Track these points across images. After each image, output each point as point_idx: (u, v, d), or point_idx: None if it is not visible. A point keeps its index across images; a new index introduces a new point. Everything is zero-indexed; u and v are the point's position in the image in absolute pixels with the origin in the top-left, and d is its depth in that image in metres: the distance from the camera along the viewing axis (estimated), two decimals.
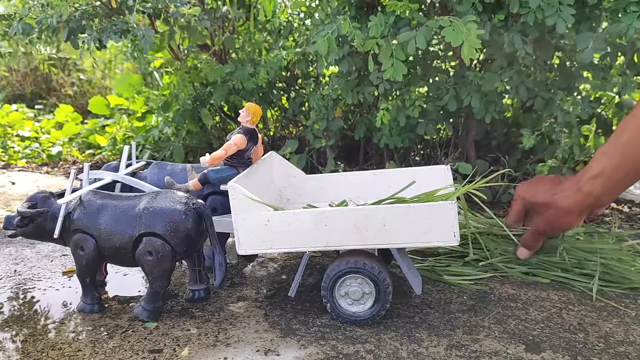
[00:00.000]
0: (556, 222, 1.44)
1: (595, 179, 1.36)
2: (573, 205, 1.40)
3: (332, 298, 1.31)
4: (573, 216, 1.42)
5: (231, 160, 1.46)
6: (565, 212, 1.41)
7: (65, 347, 1.22)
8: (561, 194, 1.42)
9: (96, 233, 1.32)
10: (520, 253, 1.57)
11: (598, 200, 1.39)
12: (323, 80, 2.46)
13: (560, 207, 1.41)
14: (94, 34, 1.97)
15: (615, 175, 1.35)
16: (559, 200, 1.42)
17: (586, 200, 1.38)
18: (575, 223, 1.44)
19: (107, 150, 3.38)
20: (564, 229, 1.49)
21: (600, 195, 1.37)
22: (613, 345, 1.22)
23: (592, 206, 1.41)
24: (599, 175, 1.36)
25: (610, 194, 1.40)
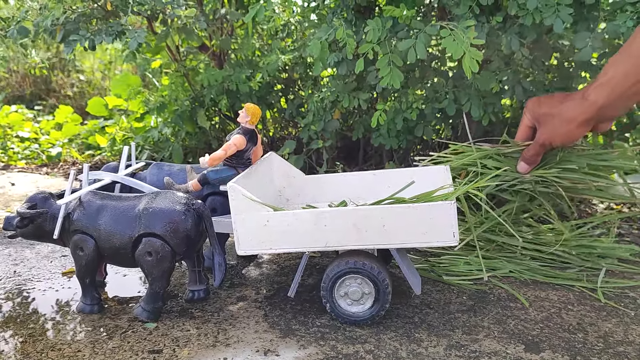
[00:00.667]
0: (557, 131, 1.40)
1: (602, 87, 1.31)
2: (577, 114, 1.35)
3: (331, 298, 1.31)
4: (575, 125, 1.36)
5: (230, 160, 1.47)
6: (568, 120, 1.36)
7: (64, 347, 1.22)
8: (566, 103, 1.37)
9: (96, 234, 1.32)
10: (520, 167, 1.53)
11: (602, 111, 1.33)
12: (322, 82, 2.46)
13: (564, 116, 1.37)
14: (87, 34, 1.97)
15: (623, 84, 1.29)
16: (563, 108, 1.37)
17: (590, 109, 1.32)
18: (577, 134, 1.39)
19: (107, 151, 3.38)
20: (564, 140, 1.43)
21: (606, 105, 1.31)
22: (612, 345, 1.23)
23: (597, 117, 1.35)
24: (606, 84, 1.30)
25: (616, 106, 1.32)
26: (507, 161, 1.56)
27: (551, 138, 1.42)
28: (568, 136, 1.40)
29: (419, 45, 1.58)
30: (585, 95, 1.33)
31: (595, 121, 1.36)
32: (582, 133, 1.39)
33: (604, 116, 1.35)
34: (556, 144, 1.43)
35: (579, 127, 1.36)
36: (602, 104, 1.31)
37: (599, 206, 2.34)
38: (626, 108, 1.36)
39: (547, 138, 1.42)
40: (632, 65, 1.26)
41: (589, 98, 1.32)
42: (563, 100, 1.38)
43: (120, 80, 3.62)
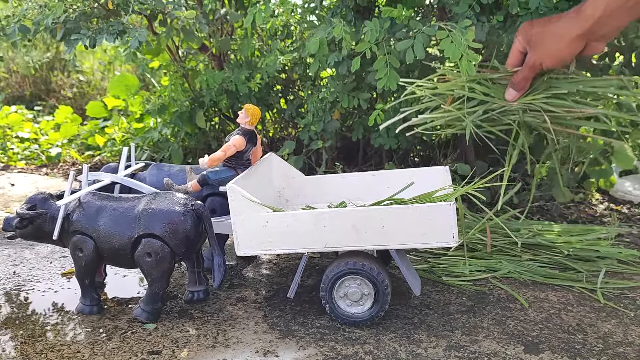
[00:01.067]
0: (550, 49, 1.29)
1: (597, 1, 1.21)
2: (571, 29, 1.25)
3: (331, 299, 1.31)
4: (567, 41, 1.26)
5: (230, 161, 1.47)
6: (561, 36, 1.27)
7: (64, 348, 1.22)
8: (560, 20, 1.28)
9: (95, 234, 1.32)
10: (508, 94, 1.41)
11: (598, 26, 1.23)
12: (321, 83, 2.46)
13: (557, 32, 1.27)
14: (88, 33, 1.97)
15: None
16: (557, 25, 1.28)
17: (586, 23, 1.23)
18: (568, 51, 1.28)
19: (106, 151, 3.38)
20: (556, 59, 1.31)
21: (602, 19, 1.21)
22: (612, 346, 1.22)
23: (591, 33, 1.24)
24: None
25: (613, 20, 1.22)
26: (496, 88, 1.42)
27: (542, 57, 1.31)
28: (559, 54, 1.29)
29: (417, 45, 1.58)
30: (581, 9, 1.24)
31: (588, 38, 1.26)
32: (574, 50, 1.27)
33: (599, 32, 1.24)
34: (547, 64, 1.32)
35: (571, 43, 1.26)
36: (598, 16, 1.21)
37: (598, 207, 2.34)
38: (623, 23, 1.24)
39: (537, 58, 1.32)
40: None
41: (585, 11, 1.22)
42: (558, 18, 1.29)
43: (118, 81, 3.62)
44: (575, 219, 2.16)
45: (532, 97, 1.39)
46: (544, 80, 1.38)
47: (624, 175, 2.57)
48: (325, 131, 2.20)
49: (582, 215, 2.19)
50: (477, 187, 1.32)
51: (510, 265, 1.63)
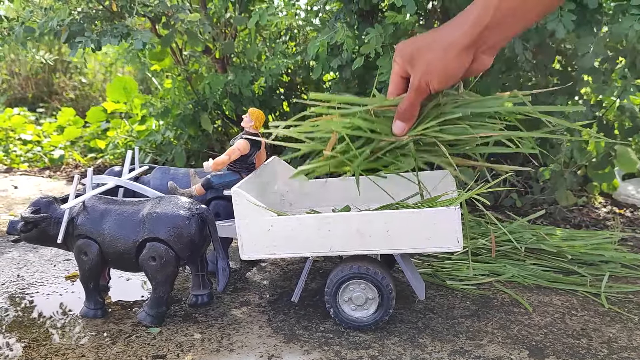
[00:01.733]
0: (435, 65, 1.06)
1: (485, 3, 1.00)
2: (456, 38, 1.03)
3: (335, 303, 1.31)
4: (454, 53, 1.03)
5: (234, 165, 1.47)
6: (446, 48, 1.04)
7: (68, 352, 1.22)
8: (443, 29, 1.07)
9: (100, 238, 1.33)
10: (395, 127, 1.16)
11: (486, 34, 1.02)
12: (325, 86, 2.46)
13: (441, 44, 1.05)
14: (92, 35, 1.97)
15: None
16: (439, 35, 1.06)
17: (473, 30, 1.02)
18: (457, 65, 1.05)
19: (109, 154, 3.38)
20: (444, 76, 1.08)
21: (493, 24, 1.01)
22: (616, 350, 1.22)
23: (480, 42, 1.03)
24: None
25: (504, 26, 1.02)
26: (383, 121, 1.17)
27: (427, 77, 1.07)
28: (447, 70, 1.05)
29: None
30: (466, 15, 1.04)
31: (477, 48, 1.05)
32: (464, 64, 1.05)
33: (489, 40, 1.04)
34: (434, 85, 1.08)
35: (459, 55, 1.03)
36: (487, 22, 1.00)
37: (601, 210, 2.34)
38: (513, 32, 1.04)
39: (422, 78, 1.07)
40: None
41: (471, 16, 1.02)
42: (440, 28, 1.08)
43: (116, 85, 3.63)
44: (579, 222, 2.16)
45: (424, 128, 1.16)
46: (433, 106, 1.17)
47: (626, 178, 2.57)
48: None
49: (585, 219, 2.19)
50: (482, 192, 1.32)
51: (514, 269, 1.63)
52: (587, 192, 2.46)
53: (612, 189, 2.47)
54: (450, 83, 1.09)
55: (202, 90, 2.39)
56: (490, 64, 1.07)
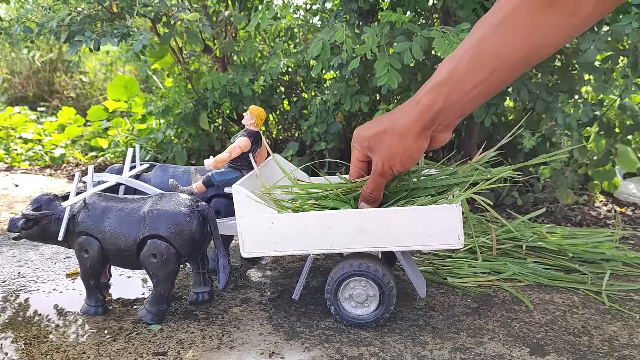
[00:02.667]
0: (393, 151, 1.09)
1: (439, 87, 1.01)
2: (410, 124, 1.05)
3: (336, 301, 1.31)
4: (411, 138, 1.06)
5: (235, 162, 1.47)
6: (402, 134, 1.06)
7: (69, 349, 1.22)
8: (397, 113, 1.09)
9: (100, 235, 1.33)
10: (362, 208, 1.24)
11: (440, 117, 1.03)
12: (325, 85, 2.46)
13: (396, 129, 1.07)
14: (93, 35, 1.97)
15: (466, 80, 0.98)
16: (394, 120, 1.08)
17: (425, 114, 1.03)
18: (415, 149, 1.08)
19: (110, 152, 3.38)
20: (403, 161, 1.11)
21: (443, 109, 1.02)
22: (617, 348, 1.22)
23: (433, 125, 1.04)
24: (444, 82, 1.00)
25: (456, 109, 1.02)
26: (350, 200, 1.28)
27: (389, 160, 1.11)
28: (407, 153, 1.08)
29: (414, 47, 1.59)
30: (417, 99, 1.05)
31: (433, 130, 1.06)
32: (422, 146, 1.08)
33: (443, 121, 1.05)
34: (397, 167, 1.12)
35: (416, 140, 1.06)
36: (439, 107, 1.02)
37: (602, 208, 2.34)
38: (467, 112, 1.05)
39: (384, 162, 1.12)
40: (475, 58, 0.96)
41: (423, 101, 1.03)
42: (393, 112, 1.11)
43: (117, 84, 3.63)
44: (580, 221, 2.16)
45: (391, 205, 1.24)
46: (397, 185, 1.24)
47: (627, 177, 2.57)
48: (328, 133, 2.21)
49: (587, 217, 2.19)
50: (482, 189, 1.32)
51: (515, 267, 1.63)
52: (588, 190, 2.46)
53: (613, 187, 2.47)
54: (412, 165, 1.12)
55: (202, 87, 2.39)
56: (449, 138, 1.11)
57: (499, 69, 0.94)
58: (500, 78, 0.96)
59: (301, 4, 2.50)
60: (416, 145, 1.07)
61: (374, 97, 2.20)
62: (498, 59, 0.93)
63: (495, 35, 0.92)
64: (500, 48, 0.92)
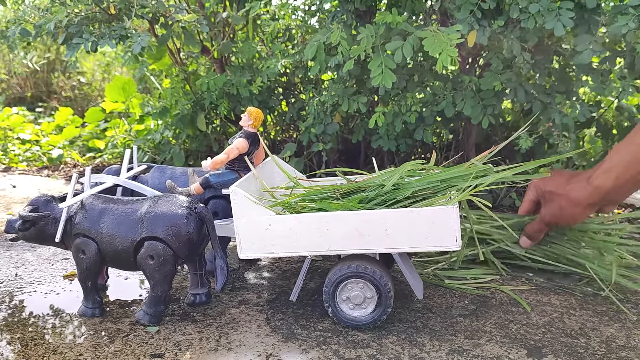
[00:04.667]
0: (563, 212, 1.45)
1: (606, 174, 1.37)
2: (582, 198, 1.40)
3: (333, 302, 1.31)
4: (581, 208, 1.42)
5: (233, 164, 1.47)
6: (574, 203, 1.42)
7: (66, 351, 1.22)
8: (572, 185, 1.43)
9: (98, 237, 1.32)
10: (522, 242, 1.59)
11: (607, 196, 1.39)
12: (323, 86, 2.46)
13: (570, 198, 1.42)
14: (90, 37, 1.97)
15: (625, 172, 1.35)
16: (569, 191, 1.43)
17: (595, 193, 1.39)
18: (581, 216, 1.45)
19: (107, 153, 3.38)
20: (569, 221, 1.48)
21: (610, 191, 1.37)
22: (615, 350, 1.22)
23: (601, 201, 1.41)
24: (610, 171, 1.36)
25: (620, 191, 1.39)
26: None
27: (557, 218, 1.47)
28: (574, 218, 1.46)
29: (406, 46, 1.60)
30: (590, 180, 1.39)
31: (600, 204, 1.43)
32: (588, 214, 1.45)
33: (609, 200, 1.41)
34: (561, 223, 1.50)
35: (585, 209, 1.42)
36: (607, 189, 1.37)
37: None
38: (630, 192, 1.40)
39: (552, 217, 1.48)
40: (635, 156, 1.33)
41: (594, 183, 1.38)
42: (569, 181, 1.44)
43: (115, 85, 3.62)
44: None
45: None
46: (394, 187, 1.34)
47: None
48: (325, 134, 2.21)
49: None
50: (479, 190, 1.32)
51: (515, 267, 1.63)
52: None
53: None
54: (574, 224, 1.53)
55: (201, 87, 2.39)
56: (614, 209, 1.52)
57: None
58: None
59: (299, 4, 2.50)
60: (584, 214, 1.44)
61: (371, 98, 2.20)
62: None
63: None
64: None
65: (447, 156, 2.33)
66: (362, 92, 2.12)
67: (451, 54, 1.47)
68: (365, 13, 2.08)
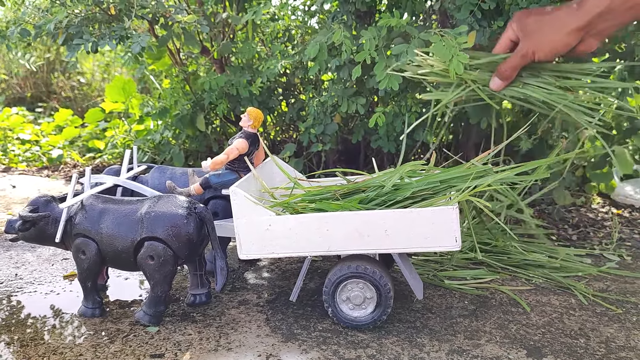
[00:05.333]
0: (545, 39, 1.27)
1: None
2: (569, 21, 1.23)
3: (333, 303, 1.31)
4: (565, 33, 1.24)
5: (233, 164, 1.47)
6: (558, 27, 1.25)
7: (66, 351, 1.22)
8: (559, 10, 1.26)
9: (98, 237, 1.32)
10: (493, 83, 1.41)
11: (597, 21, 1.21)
12: (323, 86, 2.46)
13: (555, 22, 1.25)
14: (91, 38, 1.97)
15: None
16: (555, 15, 1.26)
17: (585, 16, 1.22)
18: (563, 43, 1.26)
19: (107, 153, 3.38)
20: (550, 51, 1.29)
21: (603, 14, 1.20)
22: (614, 350, 1.23)
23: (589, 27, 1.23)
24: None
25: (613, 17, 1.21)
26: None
27: (535, 47, 1.29)
28: (554, 46, 1.27)
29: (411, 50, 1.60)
30: (583, 1, 1.22)
31: (586, 32, 1.24)
32: (570, 43, 1.26)
33: (598, 27, 1.23)
34: (539, 55, 1.30)
35: (568, 35, 1.24)
36: (600, 11, 1.20)
37: (599, 210, 2.34)
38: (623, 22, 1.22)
39: (530, 47, 1.29)
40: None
41: (587, 4, 1.21)
42: (556, 9, 1.27)
43: (114, 86, 3.62)
44: (577, 222, 2.16)
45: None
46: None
47: (624, 179, 2.57)
48: (325, 134, 2.21)
49: (584, 219, 2.20)
50: (479, 191, 1.32)
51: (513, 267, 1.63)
52: (585, 192, 2.47)
53: (610, 189, 2.48)
54: (553, 58, 1.32)
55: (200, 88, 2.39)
56: (595, 47, 1.29)
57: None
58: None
59: (299, 4, 2.50)
60: (565, 41, 1.25)
61: (371, 99, 2.20)
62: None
63: None
64: None
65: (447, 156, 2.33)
66: (362, 93, 2.12)
67: (462, 60, 1.43)
68: (366, 14, 2.08)
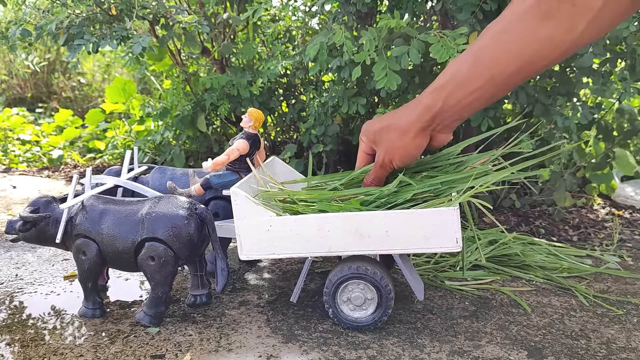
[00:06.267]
0: (396, 145, 1.17)
1: (440, 90, 1.07)
2: (411, 122, 1.12)
3: (334, 304, 1.31)
4: (411, 136, 1.13)
5: (233, 165, 1.47)
6: (403, 131, 1.14)
7: (66, 352, 1.22)
8: (400, 111, 1.17)
9: (98, 238, 1.32)
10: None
11: (439, 118, 1.10)
12: (323, 87, 2.46)
13: (399, 125, 1.15)
14: (92, 38, 1.97)
15: (465, 85, 1.03)
16: (397, 117, 1.16)
17: (425, 115, 1.10)
18: (414, 146, 1.15)
19: (108, 154, 3.38)
20: (404, 156, 1.19)
21: (443, 111, 1.08)
22: (615, 351, 1.22)
23: (432, 124, 1.12)
24: (444, 86, 1.06)
25: (455, 110, 1.08)
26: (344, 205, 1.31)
27: (390, 154, 1.19)
28: (406, 150, 1.17)
29: (412, 51, 1.60)
30: (419, 100, 1.13)
31: (432, 130, 1.14)
32: (421, 145, 1.16)
33: (443, 122, 1.12)
34: (397, 162, 1.20)
35: (415, 138, 1.14)
36: (438, 109, 1.09)
37: (600, 211, 2.34)
38: (466, 116, 1.11)
39: (385, 155, 1.20)
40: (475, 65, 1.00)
41: (424, 102, 1.11)
42: (398, 110, 1.19)
43: (114, 86, 3.62)
44: (577, 223, 2.16)
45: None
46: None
47: (625, 180, 2.57)
48: (326, 135, 2.21)
49: (584, 220, 2.19)
50: (479, 192, 1.32)
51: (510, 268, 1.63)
52: (585, 193, 2.47)
53: (611, 190, 2.48)
54: (411, 161, 1.22)
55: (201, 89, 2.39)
56: (449, 139, 1.18)
57: (496, 77, 0.98)
58: (497, 87, 1.00)
59: (299, 5, 2.50)
60: (415, 143, 1.15)
61: (371, 100, 2.20)
62: (496, 68, 0.97)
63: (495, 43, 0.96)
64: (497, 57, 0.96)
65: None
66: (363, 94, 2.12)
67: None
68: (367, 15, 2.08)
